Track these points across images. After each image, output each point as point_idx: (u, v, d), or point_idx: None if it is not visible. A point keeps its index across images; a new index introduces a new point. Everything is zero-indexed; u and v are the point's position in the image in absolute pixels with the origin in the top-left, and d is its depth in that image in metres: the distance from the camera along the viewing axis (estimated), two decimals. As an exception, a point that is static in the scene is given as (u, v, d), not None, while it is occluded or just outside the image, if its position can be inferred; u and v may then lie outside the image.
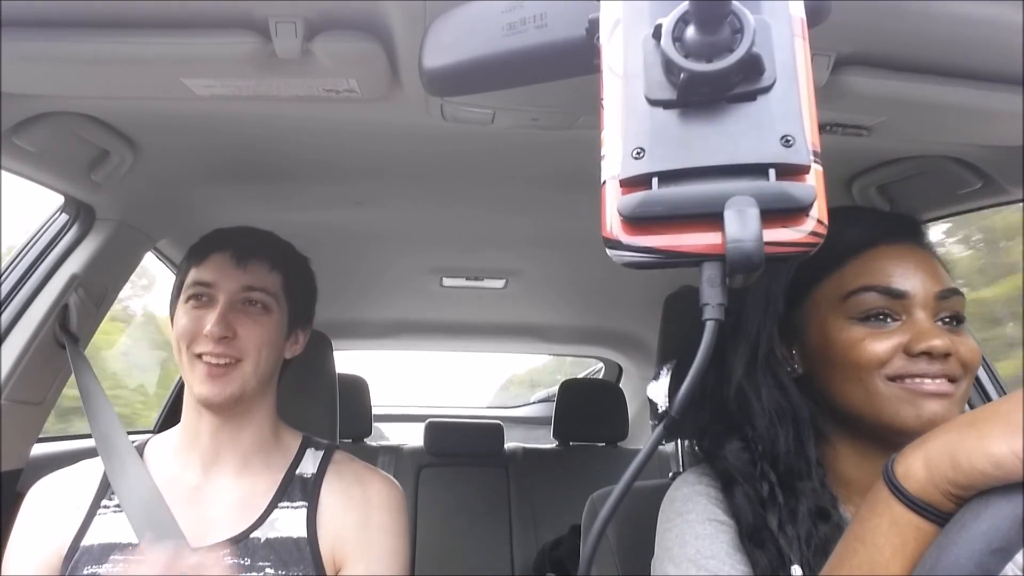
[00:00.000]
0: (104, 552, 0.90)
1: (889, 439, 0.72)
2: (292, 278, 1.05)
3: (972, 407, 0.79)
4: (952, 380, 0.70)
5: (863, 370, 0.71)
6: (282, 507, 0.97)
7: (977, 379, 1.38)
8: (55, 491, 0.98)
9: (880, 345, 0.71)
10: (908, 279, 0.72)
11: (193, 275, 0.99)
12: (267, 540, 0.93)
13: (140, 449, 1.02)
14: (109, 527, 0.93)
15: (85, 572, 0.89)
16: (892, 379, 0.70)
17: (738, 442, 0.77)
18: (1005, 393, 1.37)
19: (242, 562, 0.91)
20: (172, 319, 1.02)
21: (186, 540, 0.91)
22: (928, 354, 0.69)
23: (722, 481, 0.77)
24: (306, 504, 0.98)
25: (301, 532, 0.95)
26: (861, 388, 0.72)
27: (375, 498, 1.01)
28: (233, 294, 0.97)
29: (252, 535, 0.94)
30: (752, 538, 0.71)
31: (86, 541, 0.92)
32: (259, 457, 1.01)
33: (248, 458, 1.00)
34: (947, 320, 0.73)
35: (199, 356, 0.95)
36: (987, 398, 1.37)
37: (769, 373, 0.78)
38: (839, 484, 0.76)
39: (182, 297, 0.99)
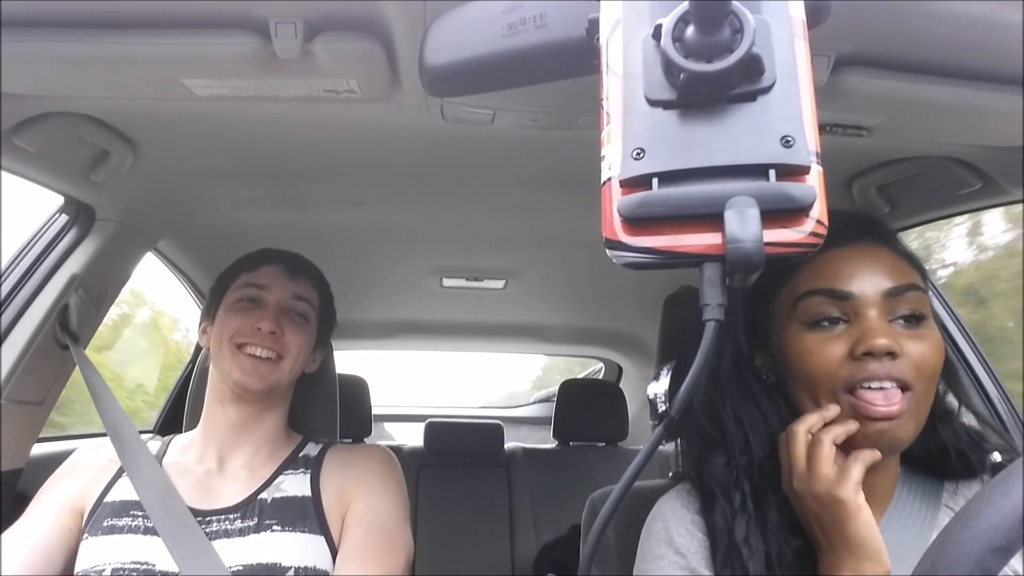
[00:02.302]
0: (124, 508, 0.99)
1: (849, 450, 0.72)
2: (325, 301, 1.18)
3: (972, 407, 0.79)
4: (903, 387, 0.68)
5: (817, 380, 0.70)
6: (287, 474, 1.06)
7: (976, 378, 1.38)
8: (95, 455, 1.08)
9: (829, 351, 0.69)
10: (855, 279, 0.70)
11: (245, 279, 1.11)
12: (273, 500, 1.01)
13: (160, 455, 1.08)
14: (130, 489, 1.01)
15: (105, 524, 0.97)
16: (847, 392, 0.69)
17: (722, 456, 0.77)
18: (1004, 391, 1.37)
19: (250, 524, 0.98)
20: (209, 320, 1.12)
21: (185, 504, 0.98)
22: (870, 354, 0.67)
23: (703, 497, 0.77)
24: (308, 471, 1.06)
25: (305, 492, 1.03)
26: (817, 398, 0.71)
27: (373, 455, 1.12)
28: (283, 300, 1.09)
29: (259, 496, 1.01)
30: (726, 561, 0.71)
31: (108, 498, 1.01)
32: (268, 447, 1.10)
33: (260, 446, 1.09)
34: (905, 318, 0.70)
35: (241, 347, 1.05)
36: (986, 397, 1.37)
37: (736, 381, 0.77)
38: None
39: (229, 298, 1.10)
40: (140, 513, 0.97)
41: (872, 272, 0.71)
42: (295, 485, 1.04)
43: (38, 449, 1.30)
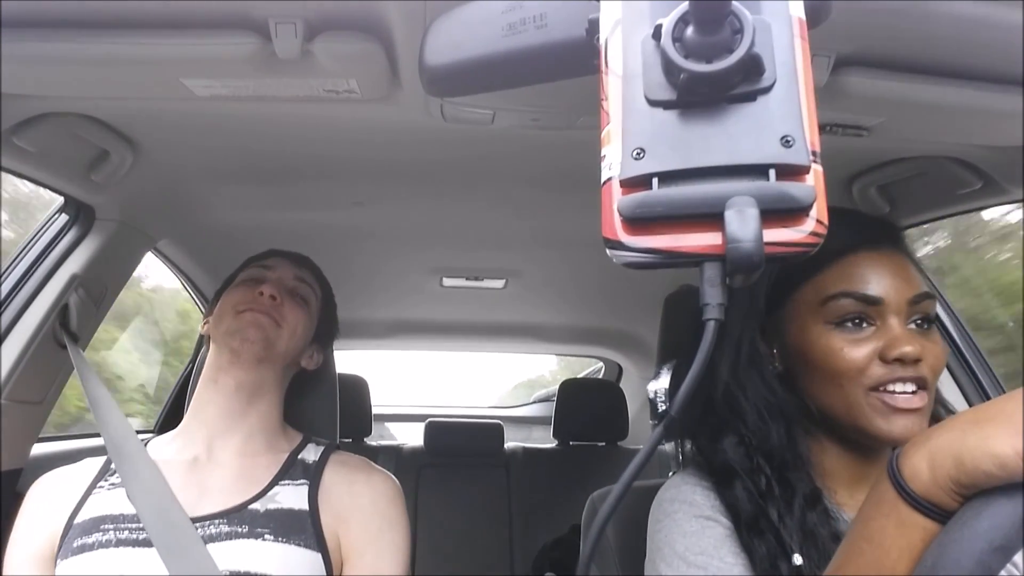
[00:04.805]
0: (95, 524, 0.93)
1: (863, 441, 0.75)
2: (327, 298, 1.19)
3: (972, 405, 0.80)
4: (922, 387, 0.73)
5: (843, 378, 0.73)
6: (283, 484, 1.00)
7: (976, 378, 1.38)
8: (55, 484, 1.00)
9: (857, 352, 0.73)
10: (883, 285, 0.74)
11: (251, 265, 1.14)
12: (267, 511, 0.96)
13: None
14: (102, 502, 0.95)
15: (75, 544, 0.91)
16: (871, 389, 0.72)
17: (733, 436, 0.78)
18: (1004, 391, 1.37)
19: (239, 529, 0.93)
20: (215, 313, 1.10)
21: (186, 514, 0.92)
22: (900, 360, 0.72)
23: (719, 476, 0.78)
24: (307, 482, 1.01)
25: (303, 505, 0.98)
26: (840, 394, 0.74)
27: (379, 487, 1.05)
28: (286, 279, 1.11)
29: (251, 507, 0.96)
30: (751, 528, 0.72)
31: (78, 519, 0.94)
32: (262, 437, 1.05)
33: (252, 435, 1.04)
34: (919, 322, 0.75)
35: (241, 312, 1.04)
36: (985, 397, 1.37)
37: (754, 371, 0.79)
38: (823, 476, 0.78)
39: (235, 283, 1.11)
40: (111, 527, 0.92)
41: (899, 279, 0.75)
42: (291, 497, 0.98)
43: (38, 449, 1.30)
